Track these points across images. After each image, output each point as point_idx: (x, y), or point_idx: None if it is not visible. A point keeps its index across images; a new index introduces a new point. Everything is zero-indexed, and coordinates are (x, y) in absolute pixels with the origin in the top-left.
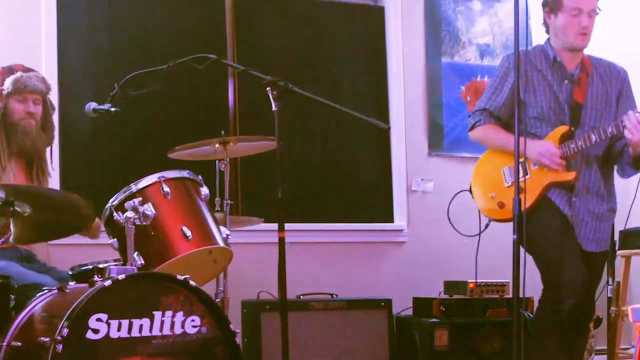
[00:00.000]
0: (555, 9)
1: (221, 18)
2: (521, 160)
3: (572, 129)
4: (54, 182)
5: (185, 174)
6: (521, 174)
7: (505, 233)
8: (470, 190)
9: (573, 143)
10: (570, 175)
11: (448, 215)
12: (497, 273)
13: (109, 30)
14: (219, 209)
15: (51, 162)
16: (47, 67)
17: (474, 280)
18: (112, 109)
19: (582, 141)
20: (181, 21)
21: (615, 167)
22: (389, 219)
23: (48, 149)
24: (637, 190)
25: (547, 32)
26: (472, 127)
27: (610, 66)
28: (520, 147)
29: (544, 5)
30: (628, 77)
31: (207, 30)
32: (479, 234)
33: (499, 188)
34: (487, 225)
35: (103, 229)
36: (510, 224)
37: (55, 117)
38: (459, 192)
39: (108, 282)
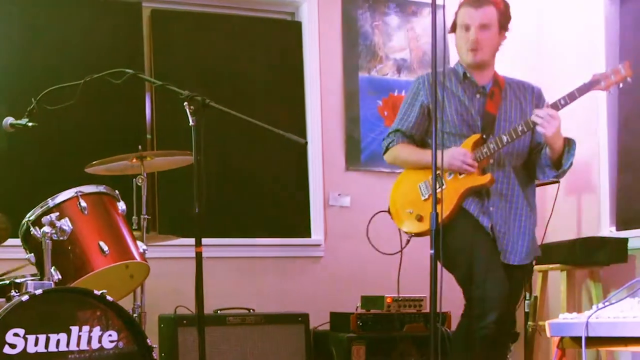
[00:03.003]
0: (453, 27)
1: (138, 33)
2: (435, 173)
3: (484, 136)
4: None
5: (102, 188)
6: (437, 187)
7: (425, 247)
8: (388, 211)
9: (485, 147)
10: (485, 179)
11: (367, 234)
12: (414, 287)
13: (26, 45)
14: (136, 224)
15: None
16: None
17: (392, 295)
18: (30, 124)
19: (493, 144)
20: (98, 36)
21: (536, 170)
22: (306, 233)
23: None
24: (554, 205)
25: None
26: (386, 150)
27: (524, 84)
28: (427, 158)
29: (450, 26)
30: (543, 96)
31: (124, 44)
32: (400, 251)
33: (416, 203)
34: (407, 242)
35: None
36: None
37: None
38: (377, 213)
39: (25, 297)
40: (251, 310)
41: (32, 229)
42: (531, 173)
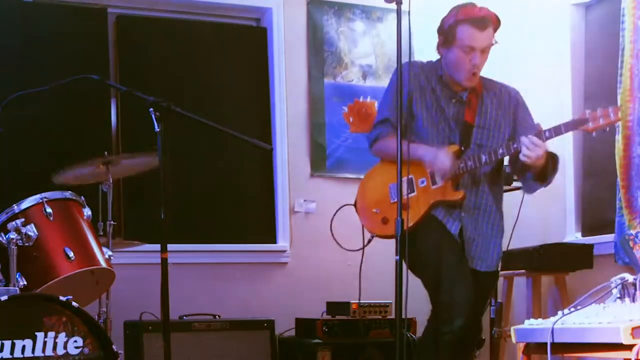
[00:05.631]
0: (448, 42)
1: (104, 39)
2: (408, 177)
3: (462, 148)
4: None
5: (67, 194)
6: (407, 191)
7: (390, 251)
8: (354, 204)
9: (463, 162)
10: (457, 195)
11: (331, 229)
12: (381, 292)
13: None
14: (102, 230)
15: None
16: None
17: (357, 301)
18: None
19: (472, 161)
20: (63, 42)
21: (521, 184)
22: (272, 239)
23: None
24: (519, 211)
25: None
26: (376, 140)
27: (502, 88)
28: (418, 152)
29: (439, 32)
30: (521, 97)
31: (90, 50)
32: (362, 249)
33: (384, 203)
34: (369, 241)
35: None
36: (394, 241)
37: None
38: (342, 206)
39: None
40: (216, 317)
41: None
42: (499, 181)
